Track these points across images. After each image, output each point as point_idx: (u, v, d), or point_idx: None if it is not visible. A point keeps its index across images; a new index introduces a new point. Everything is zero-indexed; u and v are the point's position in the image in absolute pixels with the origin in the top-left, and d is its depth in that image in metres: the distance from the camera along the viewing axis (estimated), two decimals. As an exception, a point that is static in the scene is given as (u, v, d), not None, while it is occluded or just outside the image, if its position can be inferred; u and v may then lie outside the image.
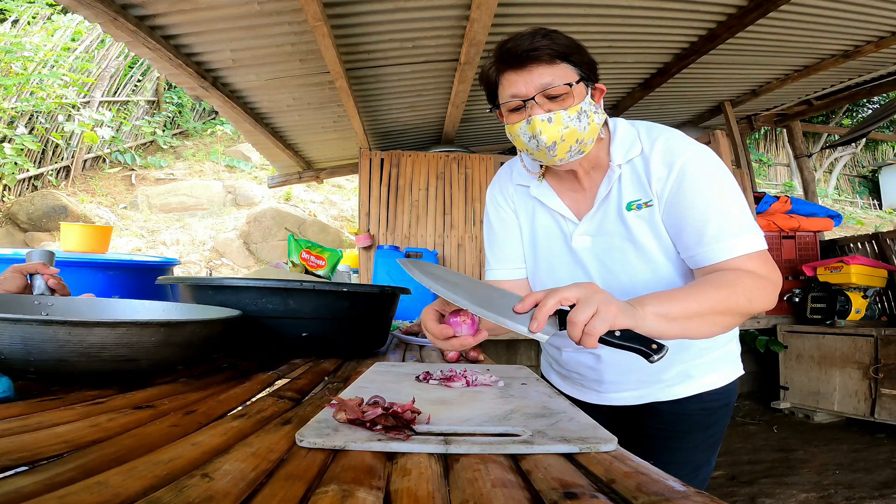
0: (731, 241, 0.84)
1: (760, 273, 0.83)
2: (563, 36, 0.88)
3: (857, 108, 10.55)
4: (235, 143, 9.20)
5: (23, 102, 6.24)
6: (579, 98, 0.88)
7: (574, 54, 0.87)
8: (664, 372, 1.01)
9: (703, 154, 0.89)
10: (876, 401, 3.29)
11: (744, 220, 0.86)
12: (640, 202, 0.92)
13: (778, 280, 0.85)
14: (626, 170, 0.93)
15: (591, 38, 2.98)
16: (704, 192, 0.86)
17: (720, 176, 0.88)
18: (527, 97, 0.87)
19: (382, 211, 3.86)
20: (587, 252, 0.98)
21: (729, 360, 1.05)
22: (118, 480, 0.38)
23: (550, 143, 0.87)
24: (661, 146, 0.90)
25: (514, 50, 0.86)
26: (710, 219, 0.85)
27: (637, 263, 0.94)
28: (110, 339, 0.68)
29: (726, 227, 0.84)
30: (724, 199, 0.86)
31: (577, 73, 0.87)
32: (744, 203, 0.88)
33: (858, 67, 3.91)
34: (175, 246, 6.50)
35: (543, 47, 0.85)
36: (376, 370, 0.95)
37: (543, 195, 1.01)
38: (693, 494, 0.40)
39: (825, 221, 4.37)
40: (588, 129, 0.89)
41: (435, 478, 0.43)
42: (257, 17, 2.29)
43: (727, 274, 0.82)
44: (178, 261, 2.13)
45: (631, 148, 0.93)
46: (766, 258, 0.86)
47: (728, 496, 2.46)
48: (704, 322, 0.77)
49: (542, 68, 0.86)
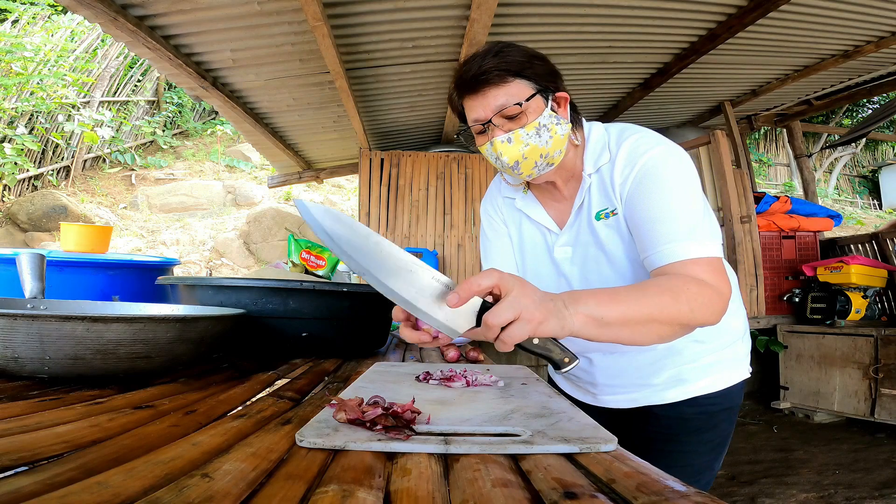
0: (684, 244, 0.80)
1: (710, 282, 0.77)
2: (515, 50, 0.87)
3: (857, 108, 10.54)
4: (235, 143, 9.20)
5: (23, 102, 6.23)
6: (536, 113, 0.86)
7: (527, 68, 0.86)
8: (655, 376, 1.00)
9: (668, 153, 0.86)
10: (876, 401, 3.29)
11: (700, 224, 0.82)
12: (607, 211, 0.91)
13: (727, 293, 0.79)
14: (595, 179, 0.92)
15: (590, 38, 2.98)
16: (663, 191, 0.83)
17: (682, 177, 0.85)
18: (485, 121, 0.87)
19: (382, 211, 3.86)
20: (568, 262, 0.98)
21: (727, 364, 1.02)
22: (118, 480, 0.38)
23: (513, 162, 0.88)
24: (626, 148, 0.88)
25: (466, 75, 0.86)
26: (664, 219, 0.82)
27: (608, 272, 0.94)
28: (127, 336, 0.68)
29: (680, 228, 0.81)
30: (683, 200, 0.83)
31: (533, 86, 0.86)
32: (703, 207, 0.85)
33: (858, 67, 3.91)
34: (175, 246, 6.50)
35: (492, 68, 0.84)
36: (376, 370, 0.95)
37: (528, 207, 1.02)
38: (693, 494, 0.40)
39: (825, 221, 4.37)
40: (551, 143, 0.88)
41: (435, 478, 0.43)
42: (257, 17, 2.29)
43: (673, 279, 0.77)
44: (178, 261, 2.13)
45: (601, 156, 0.92)
46: (719, 267, 0.81)
47: (728, 496, 2.46)
48: (638, 330, 0.72)
49: (494, 90, 0.85)
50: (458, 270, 3.90)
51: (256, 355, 1.11)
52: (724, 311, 0.79)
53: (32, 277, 1.04)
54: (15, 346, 0.65)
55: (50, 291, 1.27)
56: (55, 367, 0.67)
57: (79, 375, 0.70)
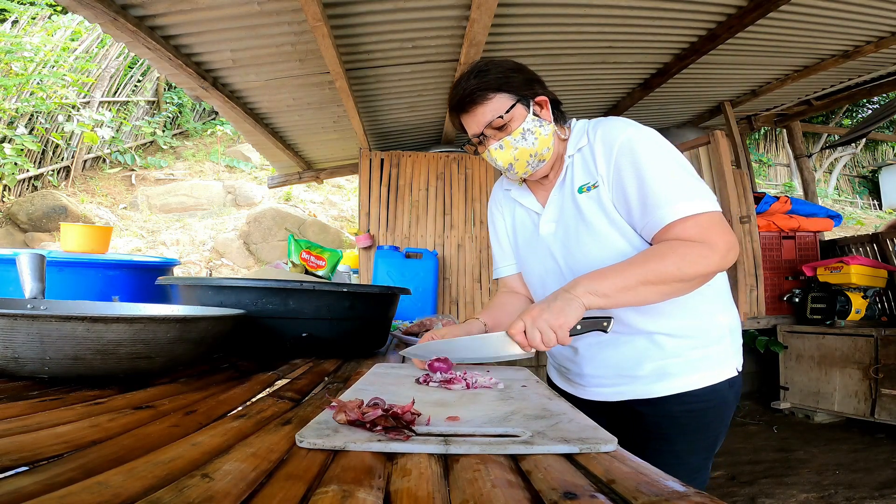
0: (674, 206, 0.88)
1: (697, 238, 0.87)
2: (495, 68, 0.99)
3: (857, 108, 10.54)
4: (235, 143, 9.20)
5: (23, 103, 6.23)
6: (519, 120, 0.99)
7: (504, 83, 0.98)
8: (639, 368, 1.01)
9: (641, 132, 0.96)
10: (876, 401, 3.29)
11: (683, 183, 0.90)
12: (589, 184, 1.00)
13: (720, 243, 0.87)
14: (577, 158, 1.03)
15: (590, 38, 2.98)
16: (642, 164, 0.92)
17: (658, 148, 0.94)
18: (479, 134, 1.01)
19: (382, 211, 3.86)
20: (552, 237, 1.06)
21: (714, 361, 1.01)
22: (118, 480, 0.38)
23: (507, 164, 1.02)
24: (601, 131, 0.99)
25: (454, 99, 1.01)
26: (650, 188, 0.91)
27: (589, 242, 1.00)
28: (127, 336, 0.68)
29: (666, 192, 0.89)
30: (663, 167, 0.91)
31: (513, 97, 0.98)
32: (685, 170, 0.93)
33: (858, 67, 3.91)
34: (175, 246, 6.50)
35: (475, 89, 0.97)
36: (376, 372, 0.95)
37: (520, 195, 1.14)
38: (693, 494, 0.41)
39: (825, 222, 4.37)
40: (537, 143, 1.00)
41: (435, 478, 0.44)
42: (257, 17, 2.29)
43: (659, 246, 0.89)
44: (178, 261, 2.13)
45: (580, 139, 1.03)
46: (711, 222, 0.88)
47: (728, 496, 2.46)
48: (639, 292, 0.86)
49: (480, 107, 0.99)
50: (458, 270, 3.90)
51: (256, 355, 1.11)
52: (722, 258, 0.87)
53: (32, 278, 1.04)
54: (15, 347, 0.64)
55: (50, 291, 1.27)
56: (55, 368, 0.67)
57: (79, 375, 0.70)
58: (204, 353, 0.84)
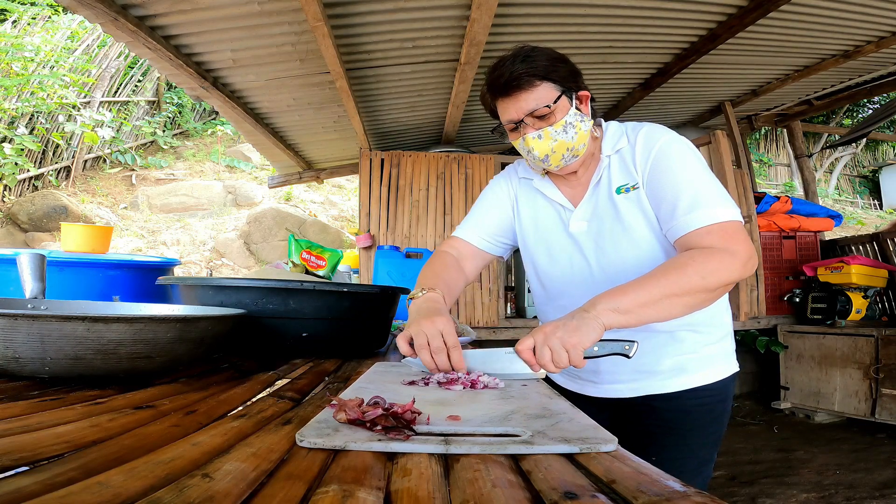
0: (700, 212, 0.90)
1: (718, 247, 0.86)
2: (541, 54, 0.96)
3: (857, 108, 10.53)
4: (236, 143, 9.19)
5: (23, 103, 6.24)
6: (563, 112, 0.97)
7: (552, 72, 0.96)
8: (658, 363, 1.03)
9: (678, 140, 0.99)
10: (876, 401, 3.29)
11: (709, 193, 0.92)
12: (629, 185, 1.00)
13: (741, 251, 0.87)
14: (614, 159, 1.03)
15: (591, 38, 2.98)
16: (676, 169, 0.94)
17: (691, 158, 0.96)
18: (517, 120, 0.98)
19: (382, 211, 3.86)
20: (583, 235, 1.05)
21: (721, 356, 1.07)
22: (119, 480, 0.38)
23: (543, 156, 1.00)
24: (643, 135, 1.00)
25: (498, 80, 0.97)
26: (681, 193, 0.92)
27: (624, 243, 1.01)
28: (128, 336, 0.68)
29: (695, 199, 0.91)
30: (694, 176, 0.93)
31: (558, 88, 0.96)
32: (713, 181, 0.95)
33: (858, 67, 3.91)
34: (175, 246, 6.50)
35: (522, 74, 0.94)
36: (376, 371, 0.95)
37: (544, 187, 1.11)
38: (693, 494, 0.40)
39: (826, 221, 4.37)
40: (576, 138, 0.99)
41: (435, 478, 0.43)
42: (257, 17, 2.29)
43: (680, 256, 0.89)
44: (179, 261, 2.13)
45: (619, 141, 1.03)
46: (732, 230, 0.89)
47: (728, 496, 2.46)
48: (662, 306, 0.83)
49: (525, 94, 0.95)
50: (459, 270, 3.90)
51: (257, 355, 1.11)
52: (743, 266, 0.87)
53: (33, 278, 1.04)
54: (16, 347, 0.64)
55: (50, 291, 1.27)
56: (56, 368, 0.67)
57: (79, 375, 0.70)
58: (204, 352, 0.84)
